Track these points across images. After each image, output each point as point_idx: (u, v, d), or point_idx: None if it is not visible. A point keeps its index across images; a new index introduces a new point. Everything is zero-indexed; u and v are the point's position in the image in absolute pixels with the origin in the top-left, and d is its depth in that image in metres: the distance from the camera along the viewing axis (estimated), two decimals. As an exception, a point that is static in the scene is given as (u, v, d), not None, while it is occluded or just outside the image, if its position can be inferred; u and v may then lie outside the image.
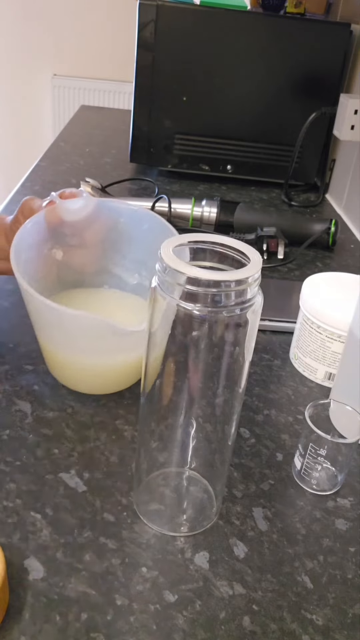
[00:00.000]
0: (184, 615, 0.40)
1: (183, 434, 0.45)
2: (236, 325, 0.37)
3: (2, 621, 0.39)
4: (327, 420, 0.54)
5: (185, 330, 0.38)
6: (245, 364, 0.40)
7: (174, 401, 0.43)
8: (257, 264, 0.37)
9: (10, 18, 2.58)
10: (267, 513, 0.49)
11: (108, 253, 0.63)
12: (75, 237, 0.60)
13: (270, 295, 0.81)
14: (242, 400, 0.43)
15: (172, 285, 0.36)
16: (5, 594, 0.39)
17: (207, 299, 0.35)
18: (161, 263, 0.36)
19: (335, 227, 0.96)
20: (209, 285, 0.35)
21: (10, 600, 0.40)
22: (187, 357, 0.40)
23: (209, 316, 0.36)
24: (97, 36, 2.61)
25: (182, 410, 0.43)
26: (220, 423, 0.44)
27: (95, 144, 1.45)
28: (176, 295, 0.36)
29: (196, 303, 0.35)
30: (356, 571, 0.45)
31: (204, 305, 0.35)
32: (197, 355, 0.39)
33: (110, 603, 0.41)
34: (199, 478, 0.49)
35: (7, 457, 0.51)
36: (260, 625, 0.40)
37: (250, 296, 0.36)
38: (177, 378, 0.42)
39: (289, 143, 1.19)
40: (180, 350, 0.39)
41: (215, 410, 0.43)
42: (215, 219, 0.98)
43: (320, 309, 0.63)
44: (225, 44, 1.12)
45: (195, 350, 0.39)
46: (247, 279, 0.35)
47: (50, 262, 0.60)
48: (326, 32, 1.11)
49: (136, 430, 0.56)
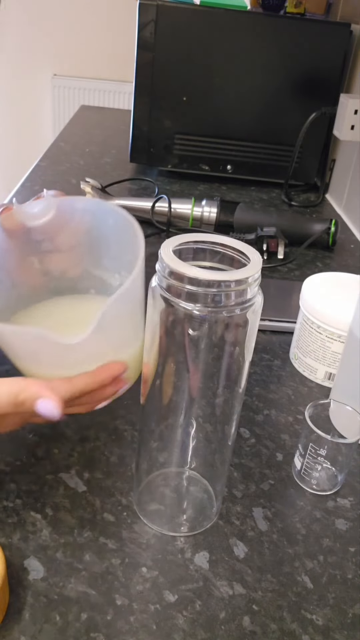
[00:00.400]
0: (184, 615, 0.40)
1: (183, 434, 0.45)
2: (236, 325, 0.37)
3: (2, 621, 0.39)
4: (327, 420, 0.54)
5: (185, 330, 0.38)
6: (245, 364, 0.40)
7: (174, 401, 0.43)
8: (257, 264, 0.37)
9: (10, 18, 2.58)
10: (267, 513, 0.49)
11: (85, 256, 0.59)
12: (47, 242, 0.57)
13: (270, 295, 0.81)
14: (242, 401, 0.43)
15: (172, 285, 0.36)
16: (5, 594, 0.39)
17: (207, 299, 0.35)
18: (161, 263, 0.36)
19: (335, 227, 0.96)
20: (209, 285, 0.35)
21: (10, 600, 0.40)
22: (186, 357, 0.40)
23: (209, 316, 0.36)
24: (97, 36, 2.61)
25: (182, 410, 0.43)
26: (220, 423, 0.44)
27: (95, 144, 1.45)
28: (176, 296, 0.36)
29: (196, 303, 0.35)
30: (356, 571, 0.45)
31: (204, 305, 0.35)
32: (197, 355, 0.39)
33: (110, 603, 0.41)
34: (199, 478, 0.50)
35: (7, 457, 0.51)
36: (260, 625, 0.40)
37: (250, 296, 0.36)
38: (177, 378, 0.42)
39: (289, 143, 1.19)
40: (180, 350, 0.39)
41: (215, 411, 0.43)
42: (215, 219, 0.98)
43: (320, 309, 0.63)
44: (225, 44, 1.12)
45: (195, 350, 0.39)
46: (247, 279, 0.35)
47: (28, 269, 0.58)
48: (326, 32, 1.11)
49: (136, 430, 0.56)
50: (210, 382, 0.41)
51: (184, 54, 1.12)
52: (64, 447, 0.53)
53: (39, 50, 2.65)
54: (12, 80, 2.72)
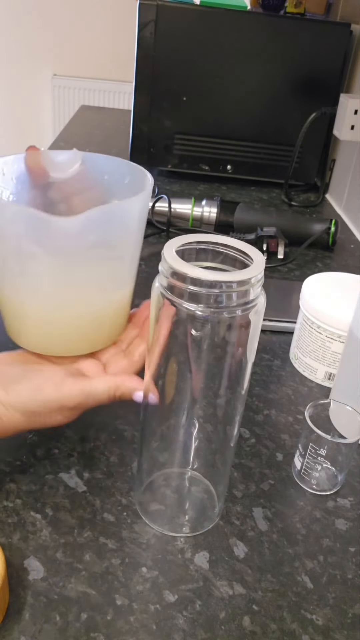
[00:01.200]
0: (184, 615, 0.40)
1: (185, 435, 0.45)
2: (239, 325, 0.37)
3: (2, 621, 0.38)
4: (327, 420, 0.54)
5: (188, 330, 0.38)
6: (248, 364, 0.40)
7: (176, 401, 0.43)
8: (260, 264, 0.37)
9: (10, 18, 2.58)
10: (267, 513, 0.49)
11: None
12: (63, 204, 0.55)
13: (270, 295, 0.80)
14: (244, 401, 0.43)
15: (174, 286, 0.36)
16: (5, 594, 0.39)
17: (210, 299, 0.35)
18: (164, 263, 0.36)
19: (335, 227, 0.96)
20: (211, 286, 0.35)
21: (10, 600, 0.40)
22: (189, 357, 0.40)
23: (211, 317, 0.36)
24: (97, 36, 2.61)
25: (184, 410, 0.43)
26: (222, 424, 0.44)
27: (95, 144, 1.45)
28: (178, 296, 0.36)
29: (199, 304, 0.35)
30: (356, 571, 0.45)
31: (207, 306, 0.36)
32: (199, 356, 0.39)
33: (110, 603, 0.41)
34: (200, 478, 0.50)
35: (7, 457, 0.51)
36: (260, 626, 0.40)
37: (253, 297, 0.36)
38: (179, 379, 0.42)
39: (289, 143, 1.19)
40: (183, 351, 0.39)
41: (217, 411, 0.43)
42: (215, 219, 0.98)
43: (320, 309, 0.63)
44: (225, 44, 1.12)
45: (197, 351, 0.39)
46: (250, 280, 0.35)
47: None
48: (326, 32, 1.11)
49: (136, 430, 0.56)
50: (212, 382, 0.41)
51: (184, 54, 1.12)
52: (64, 447, 0.53)
53: (39, 50, 2.65)
54: (12, 80, 2.72)
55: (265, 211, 1.00)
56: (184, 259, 0.36)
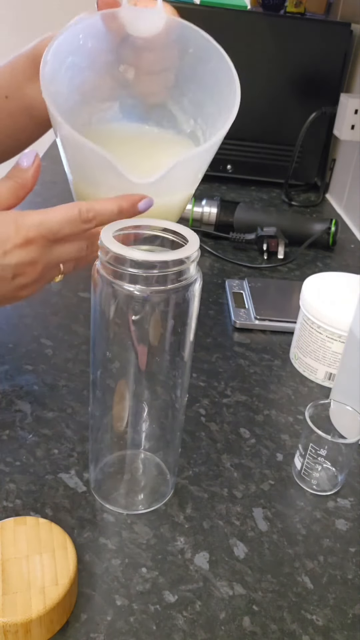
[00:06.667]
0: (184, 615, 0.40)
1: (135, 413, 0.47)
2: (176, 303, 0.40)
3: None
4: (327, 420, 0.54)
5: (129, 311, 0.40)
6: (189, 336, 0.43)
7: (123, 383, 0.45)
8: (195, 244, 0.39)
9: (10, 18, 2.58)
10: (267, 513, 0.49)
11: (170, 87, 0.53)
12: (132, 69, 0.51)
13: (270, 295, 0.81)
14: (189, 370, 0.45)
15: (113, 268, 0.38)
16: (74, 590, 0.40)
17: (148, 280, 0.37)
18: (102, 247, 0.38)
19: (336, 227, 0.96)
20: (149, 267, 0.37)
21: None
22: (132, 335, 0.42)
23: (149, 296, 0.38)
24: (97, 36, 2.61)
25: (131, 388, 0.46)
26: (169, 394, 0.46)
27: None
28: (118, 278, 0.38)
29: (136, 284, 0.38)
30: (356, 572, 0.45)
31: (146, 285, 0.38)
32: (141, 334, 0.42)
33: (110, 603, 0.41)
34: (151, 456, 0.51)
35: (7, 457, 0.51)
36: (260, 626, 0.40)
37: (189, 275, 0.39)
38: (124, 357, 0.44)
39: (289, 143, 1.19)
40: (125, 331, 0.41)
41: (165, 383, 0.46)
42: (215, 219, 0.98)
43: (320, 309, 0.63)
44: (225, 44, 1.11)
45: (139, 329, 0.41)
46: (186, 259, 0.38)
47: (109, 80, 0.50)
48: (326, 32, 1.11)
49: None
50: (156, 355, 0.44)
51: (184, 53, 1.12)
52: (64, 447, 0.53)
53: (39, 50, 2.65)
54: (12, 80, 2.72)
55: (266, 211, 1.00)
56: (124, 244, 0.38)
